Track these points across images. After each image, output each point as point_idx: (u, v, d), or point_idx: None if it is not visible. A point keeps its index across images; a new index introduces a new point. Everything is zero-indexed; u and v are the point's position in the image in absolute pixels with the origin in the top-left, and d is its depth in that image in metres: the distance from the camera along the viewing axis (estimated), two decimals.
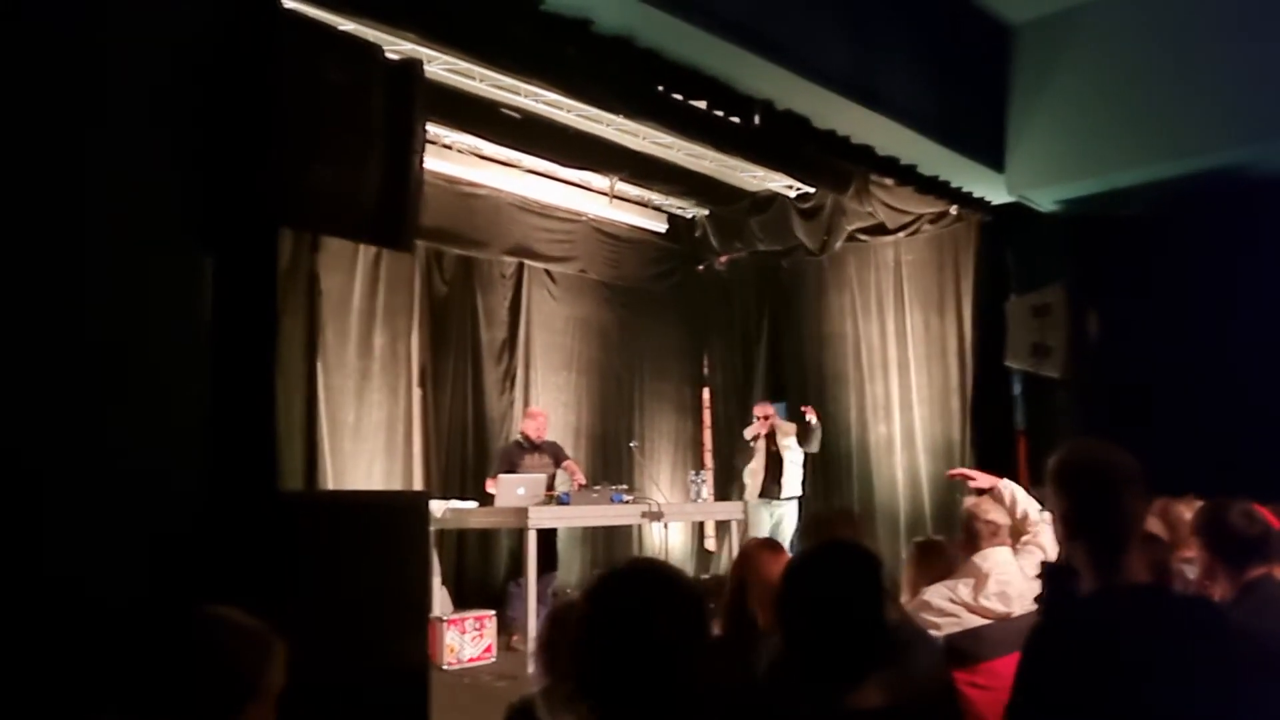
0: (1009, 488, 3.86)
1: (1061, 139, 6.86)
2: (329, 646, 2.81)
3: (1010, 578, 3.53)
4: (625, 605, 1.59)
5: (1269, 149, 6.26)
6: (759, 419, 8.51)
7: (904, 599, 3.67)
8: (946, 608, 3.50)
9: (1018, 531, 3.81)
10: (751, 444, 8.53)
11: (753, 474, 8.42)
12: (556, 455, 7.51)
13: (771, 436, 8.41)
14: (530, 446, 7.41)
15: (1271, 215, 6.52)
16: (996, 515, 3.73)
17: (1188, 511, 3.63)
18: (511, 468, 7.12)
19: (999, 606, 3.47)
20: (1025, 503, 3.76)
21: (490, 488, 7.01)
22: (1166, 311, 6.75)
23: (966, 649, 3.37)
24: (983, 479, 3.97)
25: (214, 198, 2.89)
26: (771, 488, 8.35)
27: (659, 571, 1.69)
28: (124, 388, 2.63)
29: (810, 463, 8.94)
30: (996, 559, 3.57)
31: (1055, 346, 6.98)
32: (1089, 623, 1.85)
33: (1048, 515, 3.63)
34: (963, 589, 3.52)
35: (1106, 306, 7.03)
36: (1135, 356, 6.86)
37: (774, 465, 8.36)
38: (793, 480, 8.40)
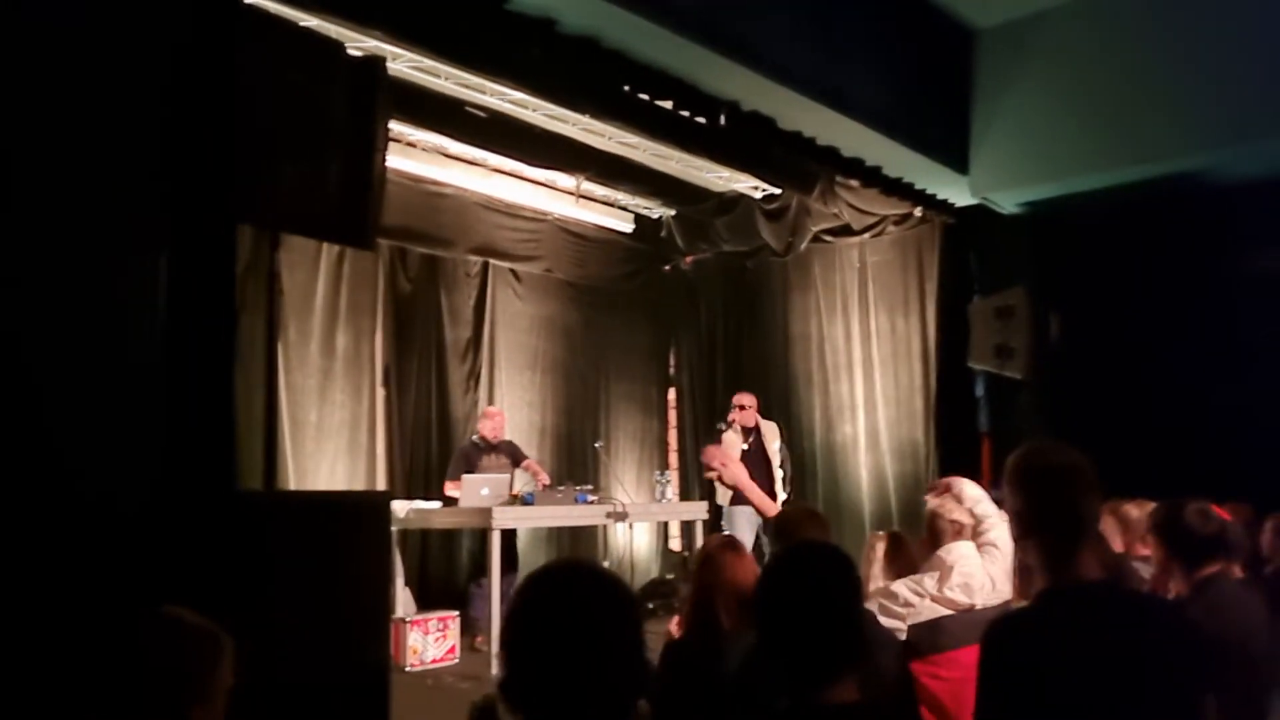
0: (958, 484, 3.94)
1: (1023, 143, 6.94)
2: (290, 647, 2.79)
3: (973, 570, 3.60)
4: (550, 607, 1.58)
5: (1223, 156, 6.38)
6: (736, 409, 7.44)
7: (870, 589, 3.71)
8: (911, 599, 3.56)
9: (976, 531, 3.87)
10: (722, 428, 7.45)
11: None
12: (514, 455, 7.46)
13: (752, 432, 7.42)
14: (487, 447, 7.34)
15: (1225, 221, 6.64)
16: (960, 515, 3.80)
17: (1136, 511, 3.70)
18: (469, 469, 7.05)
19: (962, 598, 3.53)
20: (972, 500, 3.84)
21: (450, 491, 6.95)
22: (1125, 313, 6.85)
23: (928, 640, 3.43)
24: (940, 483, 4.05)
25: (171, 194, 2.85)
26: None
27: (586, 572, 1.68)
28: (77, 385, 2.59)
29: None
30: (960, 552, 3.64)
31: (1018, 348, 7.05)
32: (1044, 621, 1.87)
33: (1000, 512, 3.71)
34: (928, 581, 3.58)
35: (1067, 308, 7.12)
36: (1095, 358, 6.95)
37: (757, 464, 7.25)
38: (779, 482, 7.39)
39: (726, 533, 6.34)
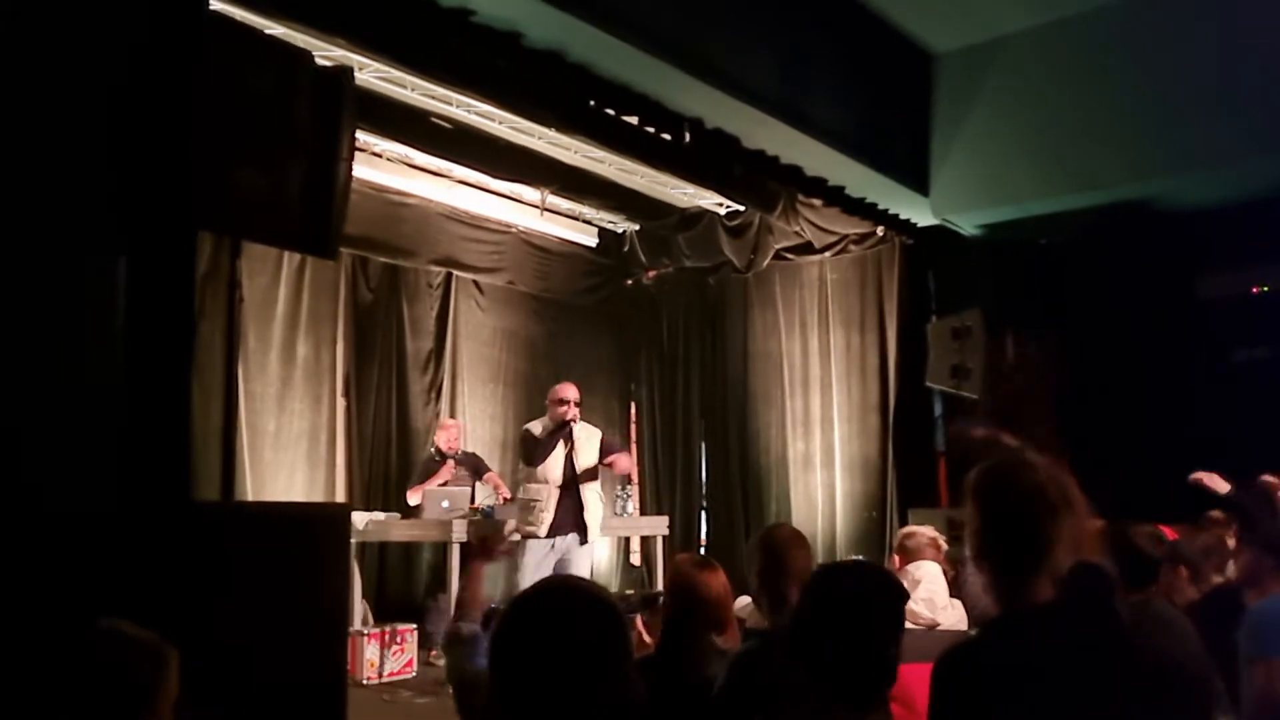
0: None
1: (981, 165, 7.05)
2: (245, 659, 2.77)
3: (939, 589, 3.70)
4: (539, 623, 1.59)
5: (1171, 183, 6.54)
6: (555, 405, 6.08)
7: None
8: None
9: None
10: (544, 439, 6.01)
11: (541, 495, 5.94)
12: (476, 467, 7.41)
13: (566, 437, 6.08)
14: (444, 459, 7.26)
15: (1177, 246, 6.78)
16: (926, 532, 3.93)
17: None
18: (429, 481, 7.03)
19: (925, 612, 3.63)
20: (927, 591, 3.87)
21: (412, 497, 6.93)
22: (1078, 335, 6.97)
23: None
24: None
25: (130, 199, 2.83)
26: (566, 522, 5.91)
27: (573, 589, 1.69)
28: (32, 392, 2.56)
29: (727, 477, 8.88)
30: (927, 570, 3.75)
31: (974, 369, 7.13)
32: (990, 650, 1.86)
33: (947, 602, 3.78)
34: None
35: (1020, 330, 7.22)
36: (1049, 379, 7.05)
37: (568, 485, 5.99)
38: (596, 512, 6.11)
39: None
